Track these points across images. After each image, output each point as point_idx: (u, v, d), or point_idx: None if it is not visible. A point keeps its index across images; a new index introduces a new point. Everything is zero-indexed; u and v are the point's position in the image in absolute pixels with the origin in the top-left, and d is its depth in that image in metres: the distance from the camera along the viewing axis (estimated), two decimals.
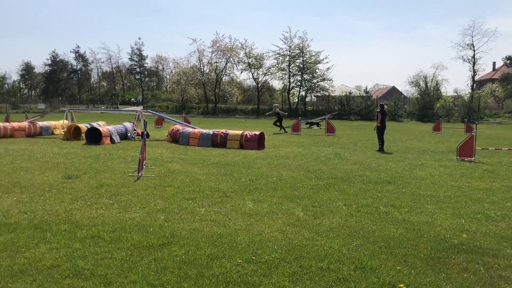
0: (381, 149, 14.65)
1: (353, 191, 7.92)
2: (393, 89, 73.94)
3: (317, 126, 26.01)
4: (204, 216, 5.99)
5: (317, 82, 50.53)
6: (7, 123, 18.74)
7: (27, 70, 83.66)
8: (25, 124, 18.67)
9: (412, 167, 10.96)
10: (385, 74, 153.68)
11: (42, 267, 4.08)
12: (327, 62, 64.16)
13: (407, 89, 77.73)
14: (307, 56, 49.58)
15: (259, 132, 15.16)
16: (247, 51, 52.02)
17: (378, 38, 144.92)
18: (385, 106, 15.85)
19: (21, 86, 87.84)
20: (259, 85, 53.66)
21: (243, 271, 4.12)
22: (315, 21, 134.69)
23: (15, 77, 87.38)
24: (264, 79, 53.89)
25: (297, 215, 6.19)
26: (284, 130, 23.40)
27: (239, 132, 15.43)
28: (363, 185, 8.46)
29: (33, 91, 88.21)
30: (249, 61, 52.11)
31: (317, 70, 50.09)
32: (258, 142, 14.82)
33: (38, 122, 19.58)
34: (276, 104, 27.29)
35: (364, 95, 50.26)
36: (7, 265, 4.09)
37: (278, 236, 5.20)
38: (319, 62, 49.57)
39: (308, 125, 26.60)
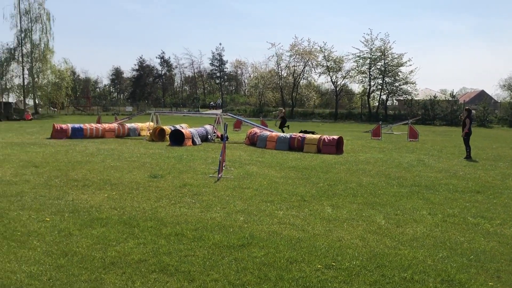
0: (468, 157, 13.78)
1: (439, 200, 7.52)
2: (482, 93, 69.33)
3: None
4: (283, 219, 6.00)
5: (399, 85, 48.75)
6: (99, 125, 20.14)
7: (117, 75, 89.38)
8: (114, 125, 19.92)
9: (504, 177, 10.18)
10: (473, 77, 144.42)
11: (130, 260, 4.31)
12: (410, 65, 61.58)
13: (498, 93, 72.62)
14: (389, 58, 48.02)
15: (338, 137, 14.92)
16: (326, 54, 51.53)
17: (465, 39, 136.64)
18: (472, 111, 14.88)
19: (111, 90, 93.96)
20: (337, 89, 52.89)
21: (323, 277, 4.06)
22: (397, 22, 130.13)
23: (106, 81, 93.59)
24: (343, 82, 53.05)
25: (378, 222, 6.00)
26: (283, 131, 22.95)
27: (317, 136, 15.29)
28: (449, 194, 8.01)
29: (122, 95, 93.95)
30: (328, 64, 51.56)
31: (399, 73, 48.33)
32: (336, 146, 14.59)
33: (126, 124, 20.80)
34: (281, 108, 27.36)
35: (450, 99, 47.62)
36: (100, 257, 4.38)
37: (359, 243, 5.07)
38: (401, 65, 47.80)
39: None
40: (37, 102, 46.53)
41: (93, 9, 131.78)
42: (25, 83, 43.18)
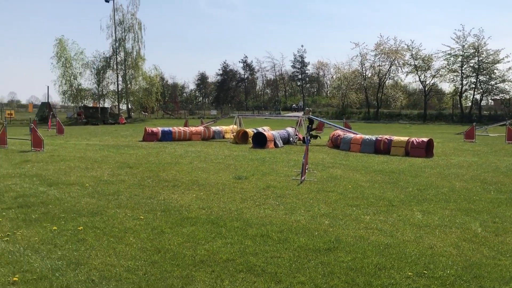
0: None
1: None
2: None
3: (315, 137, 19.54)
4: (370, 224, 5.83)
5: (495, 84, 45.40)
6: (186, 128, 21.03)
7: (202, 79, 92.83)
8: (201, 128, 20.68)
9: None
10: None
11: (219, 259, 4.43)
12: (508, 61, 57.19)
13: None
14: (483, 55, 44.95)
15: (427, 139, 14.21)
16: (413, 52, 49.51)
17: None
18: None
19: (197, 94, 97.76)
20: (426, 88, 50.48)
21: (414, 285, 3.88)
22: (493, 15, 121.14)
23: (192, 86, 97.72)
24: (432, 81, 50.59)
25: (474, 230, 5.60)
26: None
27: (405, 138, 14.69)
28: None
29: (207, 99, 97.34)
30: (416, 63, 49.46)
31: (495, 71, 45.04)
32: (426, 149, 13.90)
33: (212, 127, 21.50)
34: (308, 108, 26.39)
35: None
36: (190, 255, 4.55)
37: (453, 252, 4.77)
38: (498, 62, 44.52)
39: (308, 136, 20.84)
40: (129, 107, 49.74)
41: (180, 17, 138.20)
42: (119, 89, 46.33)
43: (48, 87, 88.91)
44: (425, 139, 14.14)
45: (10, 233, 5.26)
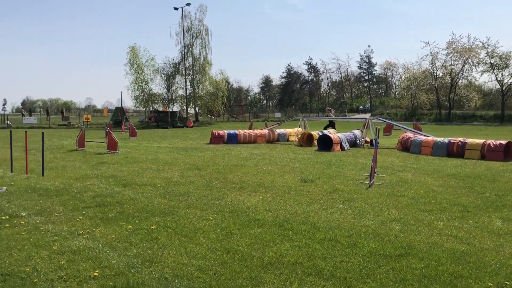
0: None
1: None
2: None
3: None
4: (443, 231, 5.57)
5: None
6: (251, 131, 21.26)
7: (266, 83, 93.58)
8: (265, 131, 20.82)
9: None
10: None
11: (287, 262, 4.43)
12: None
13: None
14: None
15: (506, 142, 13.34)
16: (489, 50, 46.72)
17: None
18: None
19: (261, 97, 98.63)
20: (504, 88, 47.43)
21: None
22: None
23: (256, 89, 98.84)
24: (510, 81, 47.41)
25: None
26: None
27: (480, 141, 13.90)
28: None
29: (271, 102, 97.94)
30: (492, 61, 46.64)
31: None
32: (504, 152, 13.05)
33: (276, 130, 21.57)
34: (328, 108, 25.71)
35: None
36: (258, 256, 4.59)
37: None
38: None
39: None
40: (197, 110, 51.15)
41: (245, 22, 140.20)
42: (187, 94, 47.79)
43: (121, 92, 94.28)
44: (503, 142, 13.29)
45: (89, 230, 5.60)
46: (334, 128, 22.70)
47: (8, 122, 40.82)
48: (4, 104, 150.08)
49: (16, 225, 5.85)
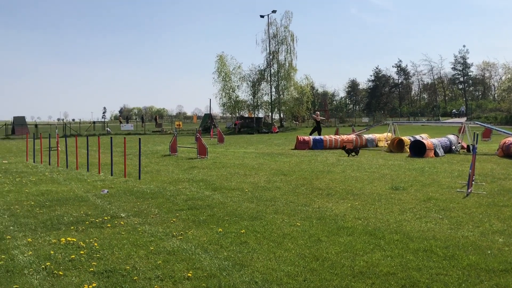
0: None
1: None
2: None
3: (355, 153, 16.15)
4: None
5: None
6: (338, 136, 20.93)
7: (353, 87, 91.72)
8: (352, 136, 20.38)
9: None
10: None
11: (379, 272, 4.27)
12: None
13: None
14: None
15: None
16: None
17: None
18: None
19: (347, 102, 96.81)
20: None
21: None
22: None
23: (342, 94, 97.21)
24: None
25: None
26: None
27: None
28: None
29: (357, 106, 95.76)
30: None
31: None
32: None
33: (364, 135, 21.01)
34: (317, 112, 26.63)
35: None
36: (348, 265, 4.48)
37: None
38: None
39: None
40: (282, 116, 51.50)
41: (331, 25, 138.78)
42: (272, 99, 48.32)
43: (210, 99, 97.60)
44: None
45: (183, 232, 5.84)
46: (319, 134, 23.31)
47: (108, 129, 44.25)
48: (104, 112, 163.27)
49: (116, 225, 6.28)
